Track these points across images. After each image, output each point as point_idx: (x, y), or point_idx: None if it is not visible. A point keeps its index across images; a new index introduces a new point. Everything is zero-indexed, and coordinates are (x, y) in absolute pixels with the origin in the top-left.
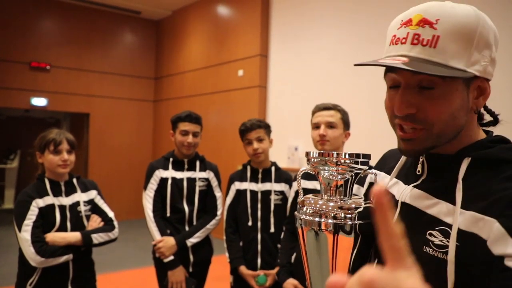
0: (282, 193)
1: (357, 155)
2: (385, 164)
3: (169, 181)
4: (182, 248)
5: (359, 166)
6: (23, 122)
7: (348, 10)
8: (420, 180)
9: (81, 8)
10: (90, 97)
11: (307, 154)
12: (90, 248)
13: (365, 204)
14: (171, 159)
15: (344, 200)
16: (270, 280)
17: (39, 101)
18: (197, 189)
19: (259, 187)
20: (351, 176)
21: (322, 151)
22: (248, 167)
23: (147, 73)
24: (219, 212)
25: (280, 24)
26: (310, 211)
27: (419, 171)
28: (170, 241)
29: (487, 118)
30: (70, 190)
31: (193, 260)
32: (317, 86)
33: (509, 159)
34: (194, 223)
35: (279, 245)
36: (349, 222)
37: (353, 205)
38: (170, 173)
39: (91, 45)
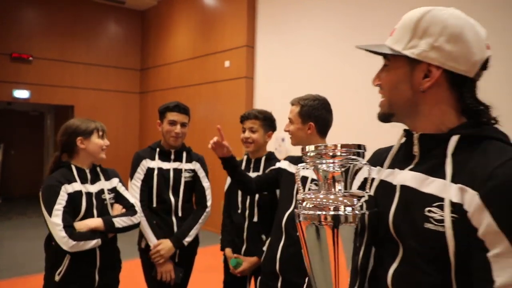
0: None
1: (352, 146)
2: (378, 160)
3: (156, 172)
4: (179, 247)
5: (355, 157)
6: (6, 115)
7: (336, 0)
8: (414, 163)
9: None
10: (75, 89)
11: (303, 149)
12: (116, 236)
13: (366, 193)
14: (157, 149)
15: (345, 192)
16: (245, 266)
17: (21, 93)
18: (183, 180)
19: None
20: (348, 168)
21: (318, 145)
22: (245, 157)
23: (132, 65)
24: (209, 203)
25: (267, 14)
26: (310, 206)
27: (416, 152)
28: (167, 244)
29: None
30: (95, 178)
31: (179, 251)
32: (304, 76)
33: (491, 136)
34: (180, 214)
35: (263, 236)
36: (351, 212)
37: (354, 194)
38: (156, 164)
39: (75, 36)
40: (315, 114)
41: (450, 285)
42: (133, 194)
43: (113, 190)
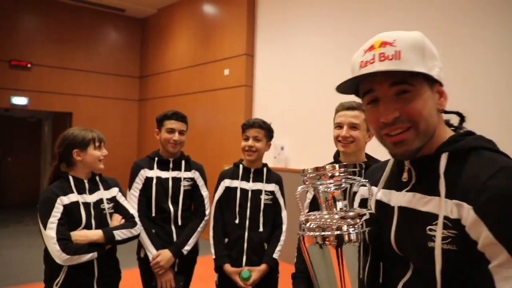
0: (272, 193)
1: (350, 166)
2: (372, 178)
3: (154, 181)
4: (179, 256)
5: (352, 177)
6: (3, 121)
7: (335, 8)
8: (411, 184)
9: (64, 5)
10: (73, 96)
11: (303, 171)
12: (115, 246)
13: (367, 211)
14: (156, 159)
15: (346, 211)
16: (255, 276)
17: (19, 100)
18: (182, 188)
19: (250, 186)
20: (347, 187)
21: (316, 166)
22: (241, 166)
23: (132, 72)
24: (207, 212)
25: (266, 23)
26: (313, 226)
27: (405, 178)
28: (167, 254)
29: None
30: (93, 188)
31: (178, 260)
32: (304, 85)
33: (477, 146)
34: (179, 222)
35: (265, 244)
36: (354, 231)
37: (355, 213)
38: (155, 173)
39: (74, 43)
40: None
41: None
42: (131, 204)
43: (113, 199)
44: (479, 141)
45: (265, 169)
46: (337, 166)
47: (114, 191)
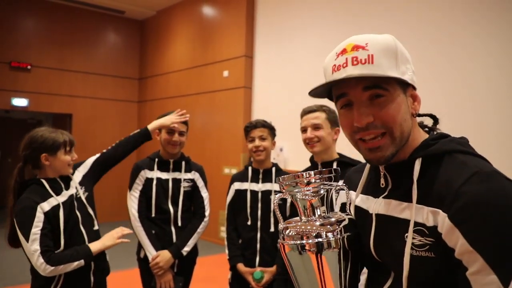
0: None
1: (326, 172)
2: (351, 183)
3: (154, 182)
4: (178, 257)
5: (328, 183)
6: (3, 123)
7: (335, 9)
8: (388, 190)
9: (64, 7)
10: (73, 97)
11: (279, 179)
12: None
13: (346, 215)
14: (156, 160)
15: (324, 217)
16: (267, 277)
17: (20, 102)
18: (182, 190)
19: (260, 187)
20: (325, 192)
21: (293, 174)
22: (250, 168)
23: (131, 74)
24: (207, 213)
25: (265, 24)
26: (293, 233)
27: (383, 184)
28: (166, 255)
29: (429, 122)
30: (67, 182)
31: (178, 261)
32: (303, 86)
33: (450, 149)
34: (179, 223)
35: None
36: (333, 237)
37: (334, 219)
38: (155, 174)
39: (74, 44)
40: (337, 121)
41: None
42: (131, 205)
43: (82, 182)
44: (452, 144)
45: (273, 169)
46: (312, 172)
47: (78, 174)
